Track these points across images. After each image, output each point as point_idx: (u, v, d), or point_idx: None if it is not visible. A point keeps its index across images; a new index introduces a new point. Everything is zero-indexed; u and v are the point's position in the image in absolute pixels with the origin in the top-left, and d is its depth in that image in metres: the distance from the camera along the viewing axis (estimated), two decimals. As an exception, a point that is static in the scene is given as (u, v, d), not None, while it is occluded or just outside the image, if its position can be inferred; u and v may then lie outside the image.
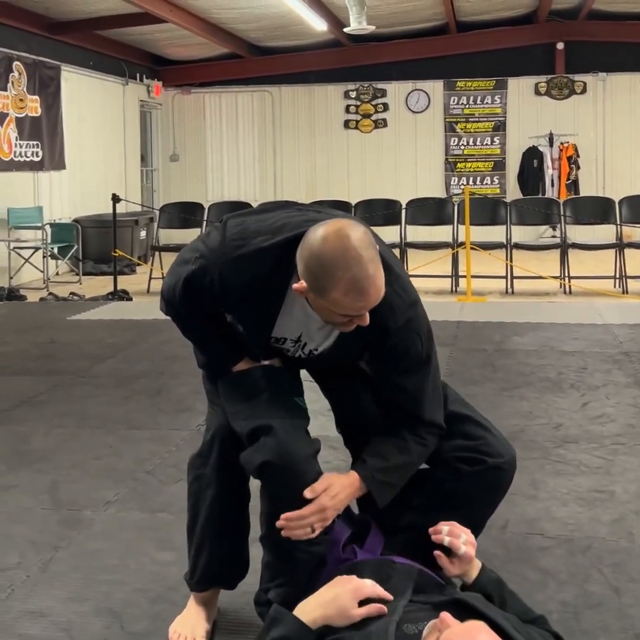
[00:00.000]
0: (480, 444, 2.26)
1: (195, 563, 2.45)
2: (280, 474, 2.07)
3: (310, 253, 1.99)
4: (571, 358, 5.79)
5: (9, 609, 2.62)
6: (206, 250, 2.18)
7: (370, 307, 2.00)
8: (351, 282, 1.94)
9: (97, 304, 8.72)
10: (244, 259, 2.10)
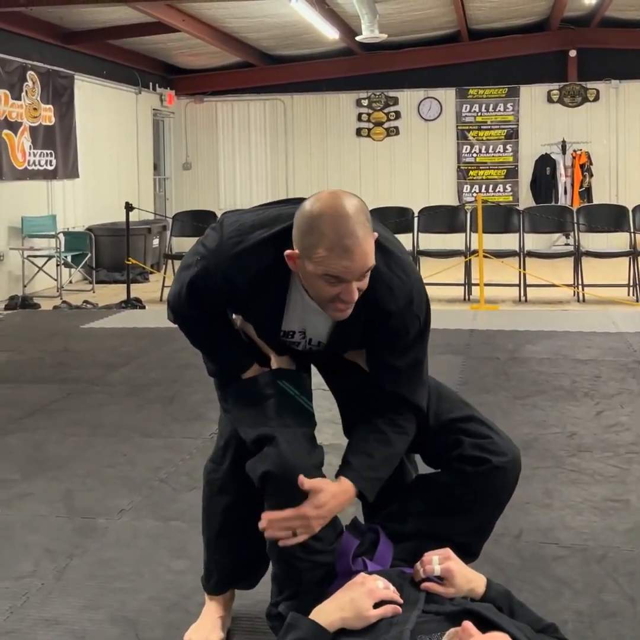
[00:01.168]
0: (485, 442, 2.23)
1: (211, 566, 2.47)
2: (280, 485, 2.07)
3: (301, 214, 2.03)
4: (585, 366, 5.77)
5: (24, 617, 2.62)
6: (206, 251, 2.18)
7: (355, 271, 1.98)
8: (336, 238, 1.96)
9: (111, 312, 8.74)
10: (244, 254, 2.11)
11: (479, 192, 13.63)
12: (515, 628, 1.88)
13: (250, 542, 2.40)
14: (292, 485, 2.05)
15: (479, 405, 2.46)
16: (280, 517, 2.06)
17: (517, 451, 2.28)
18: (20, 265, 10.32)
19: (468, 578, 2.07)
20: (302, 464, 2.07)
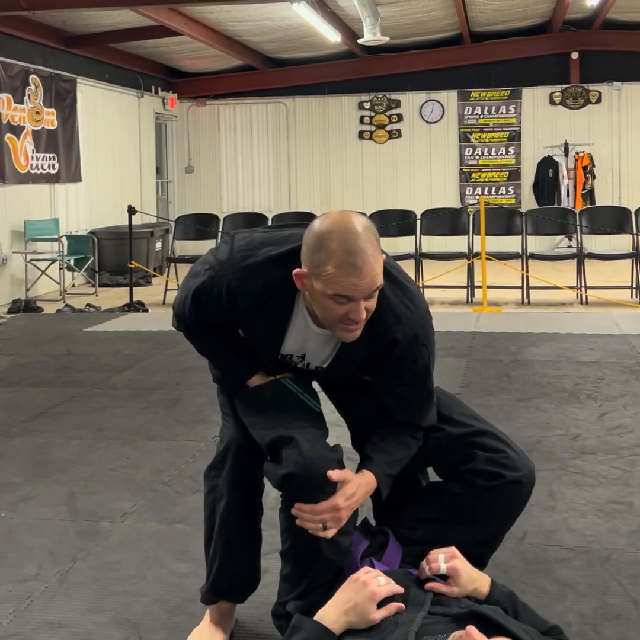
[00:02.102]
0: (499, 457, 2.23)
1: (208, 575, 2.46)
2: (306, 485, 2.07)
3: (310, 232, 2.03)
4: (588, 369, 5.77)
5: (27, 620, 2.63)
6: (215, 262, 2.19)
7: (364, 289, 1.98)
8: (345, 255, 1.95)
9: (113, 315, 8.75)
10: (251, 268, 2.12)
11: (481, 194, 13.64)
12: (522, 631, 1.88)
13: (244, 550, 2.42)
14: (317, 484, 2.06)
15: (481, 407, 2.47)
16: (313, 509, 2.07)
17: (532, 466, 2.27)
18: (23, 268, 10.33)
19: (473, 577, 2.08)
20: (325, 461, 2.08)
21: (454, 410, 2.33)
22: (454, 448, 2.27)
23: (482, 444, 2.25)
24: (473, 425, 2.29)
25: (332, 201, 14.04)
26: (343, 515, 2.08)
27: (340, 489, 2.08)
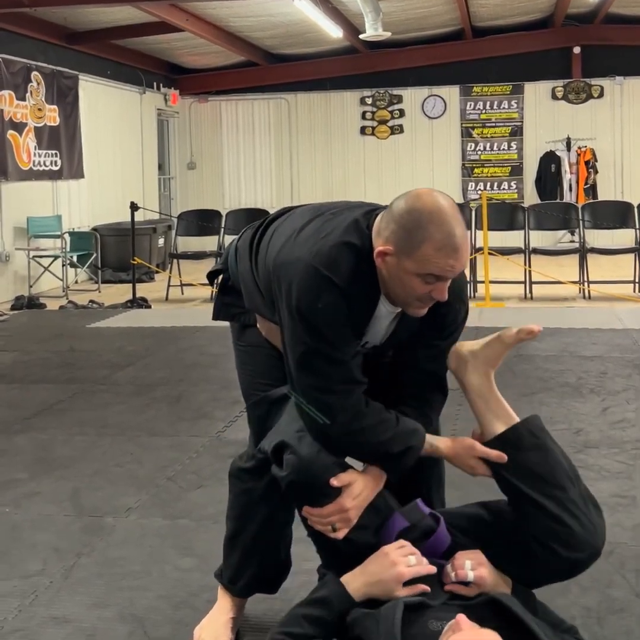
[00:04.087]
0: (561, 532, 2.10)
1: (240, 570, 2.44)
2: (305, 491, 2.08)
3: (402, 211, 2.00)
4: (591, 363, 5.77)
5: (33, 615, 2.64)
6: (306, 283, 2.02)
7: (458, 270, 2.00)
8: (446, 237, 1.96)
9: (116, 311, 8.75)
10: (342, 256, 2.03)
11: (483, 189, 13.62)
12: (534, 623, 1.88)
13: (281, 550, 2.44)
14: (318, 489, 2.06)
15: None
16: (320, 513, 2.07)
17: (600, 544, 2.14)
18: (26, 265, 10.34)
19: (496, 583, 2.07)
20: (324, 466, 2.07)
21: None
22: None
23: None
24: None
25: (334, 197, 13.99)
26: (352, 515, 2.08)
27: (346, 489, 2.07)
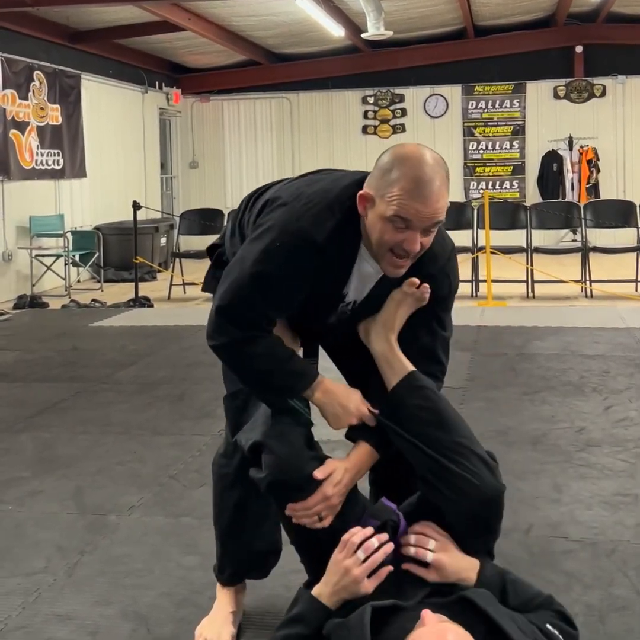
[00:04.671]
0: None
1: (224, 559, 2.49)
2: (287, 489, 2.08)
3: (384, 157, 2.04)
4: (593, 362, 5.77)
5: (36, 613, 2.64)
6: (281, 218, 2.07)
7: (425, 217, 1.98)
8: (415, 180, 1.97)
9: (119, 310, 8.76)
10: (320, 215, 2.05)
11: (485, 188, 13.63)
12: (508, 619, 1.87)
13: (262, 533, 2.45)
14: (299, 484, 2.07)
15: (486, 401, 2.48)
16: (305, 505, 2.08)
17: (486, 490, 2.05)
18: (29, 264, 10.35)
19: (459, 568, 2.04)
20: (302, 461, 2.08)
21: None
22: None
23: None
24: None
25: (337, 196, 14.01)
26: (335, 501, 2.09)
27: (326, 478, 2.08)
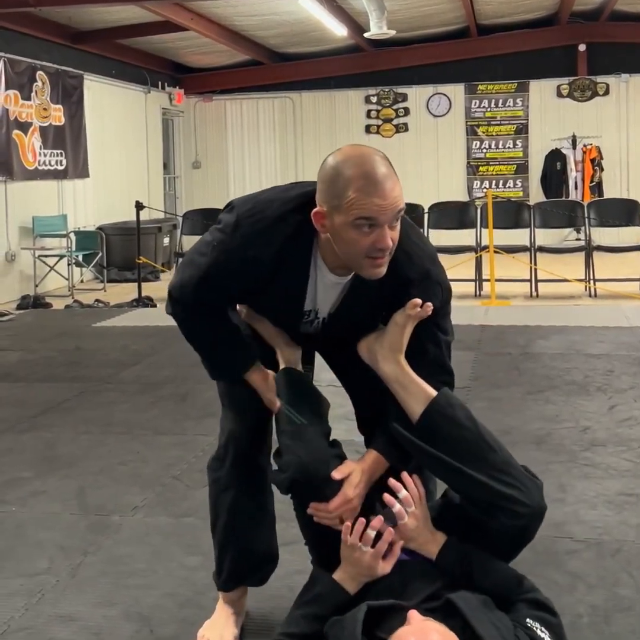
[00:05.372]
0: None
1: (221, 563, 2.47)
2: (308, 488, 2.09)
3: (324, 169, 2.00)
4: (597, 361, 5.75)
5: (39, 614, 2.64)
6: (223, 235, 2.10)
7: (388, 209, 1.94)
8: (364, 177, 1.93)
9: (122, 310, 8.76)
10: (266, 229, 2.05)
11: (488, 187, 13.61)
12: (490, 625, 1.85)
13: (257, 537, 2.43)
14: (321, 484, 2.07)
15: (490, 400, 2.47)
16: (327, 508, 2.08)
17: (535, 503, 2.06)
18: (32, 264, 10.36)
19: (423, 539, 2.07)
20: (323, 460, 2.08)
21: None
22: None
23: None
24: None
25: (340, 195, 14.00)
26: (356, 503, 2.09)
27: (346, 480, 2.08)
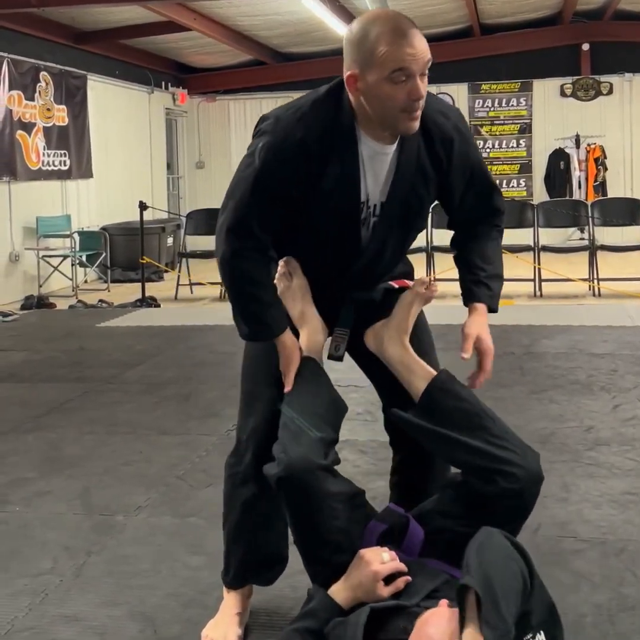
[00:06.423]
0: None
1: (229, 559, 2.47)
2: (292, 487, 2.07)
3: (352, 30, 2.06)
4: (601, 360, 5.75)
5: (43, 614, 2.64)
6: (268, 137, 2.13)
7: (419, 57, 2.02)
8: (393, 31, 2.00)
9: (126, 311, 8.76)
10: (307, 116, 2.10)
11: (492, 187, 13.58)
12: (501, 616, 1.79)
13: (269, 536, 2.42)
14: (302, 487, 2.05)
15: (494, 400, 2.47)
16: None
17: (534, 467, 2.10)
18: (36, 265, 10.37)
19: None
20: (308, 466, 2.05)
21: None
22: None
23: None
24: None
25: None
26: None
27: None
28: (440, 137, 2.16)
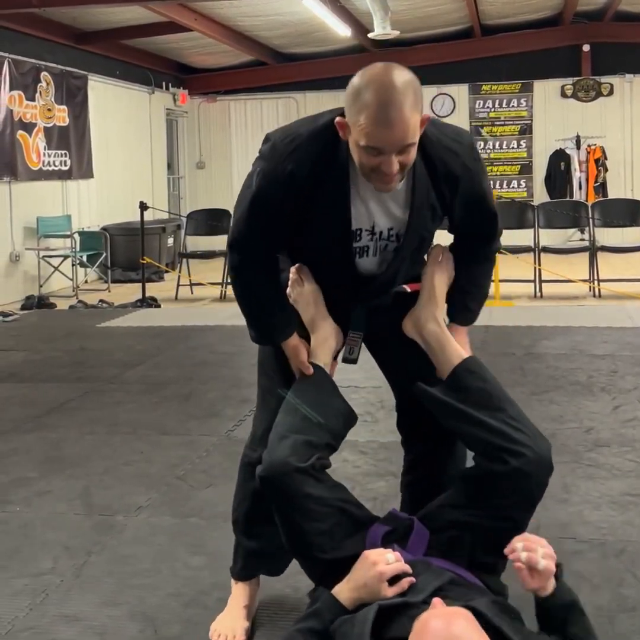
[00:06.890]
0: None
1: (238, 550, 2.49)
2: (272, 488, 2.10)
3: (351, 84, 2.07)
4: (601, 361, 5.75)
5: (43, 613, 2.64)
6: (263, 162, 2.17)
7: (394, 143, 1.98)
8: (378, 108, 1.96)
9: (126, 311, 8.76)
10: (300, 148, 2.12)
11: (493, 188, 13.58)
12: (513, 633, 1.85)
13: (277, 528, 2.43)
14: (278, 486, 2.08)
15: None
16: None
17: (545, 451, 2.21)
18: (36, 265, 10.37)
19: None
20: (285, 468, 2.08)
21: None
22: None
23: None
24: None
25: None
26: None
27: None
28: (446, 175, 2.17)
